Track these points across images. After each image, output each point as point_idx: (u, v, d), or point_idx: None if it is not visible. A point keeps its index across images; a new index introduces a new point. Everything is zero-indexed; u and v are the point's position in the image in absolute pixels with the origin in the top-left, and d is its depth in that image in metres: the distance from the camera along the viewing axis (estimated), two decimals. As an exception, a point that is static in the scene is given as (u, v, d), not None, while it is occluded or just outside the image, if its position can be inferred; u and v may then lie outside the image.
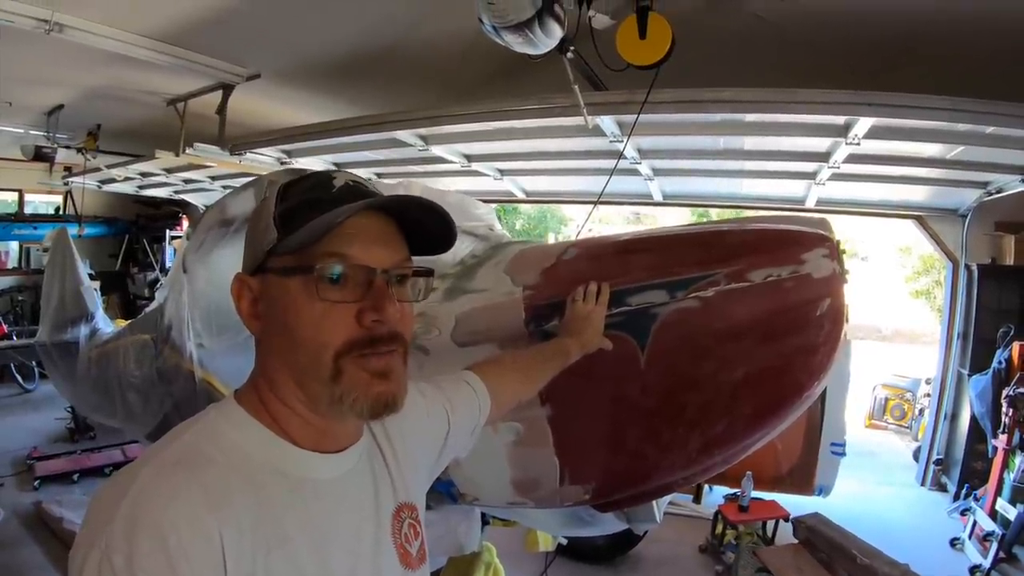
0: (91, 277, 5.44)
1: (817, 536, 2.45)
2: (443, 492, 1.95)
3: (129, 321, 4.71)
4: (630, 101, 2.92)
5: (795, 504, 4.75)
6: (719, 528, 4.64)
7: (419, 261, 0.94)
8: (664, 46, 2.72)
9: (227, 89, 4.61)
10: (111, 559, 0.68)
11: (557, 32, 2.29)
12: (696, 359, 1.63)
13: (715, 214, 14.49)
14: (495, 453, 1.78)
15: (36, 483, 5.26)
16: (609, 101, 3.05)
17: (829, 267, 1.57)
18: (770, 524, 4.70)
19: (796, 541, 2.56)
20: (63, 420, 6.62)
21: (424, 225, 0.92)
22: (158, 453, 0.80)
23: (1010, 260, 5.59)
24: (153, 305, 3.61)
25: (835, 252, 1.60)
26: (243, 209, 2.19)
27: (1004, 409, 4.80)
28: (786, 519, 4.60)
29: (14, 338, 7.61)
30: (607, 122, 3.35)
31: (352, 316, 0.83)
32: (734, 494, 4.68)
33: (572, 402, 1.70)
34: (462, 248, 2.09)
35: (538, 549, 2.85)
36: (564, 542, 3.04)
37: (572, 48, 2.72)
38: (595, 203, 3.64)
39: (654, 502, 2.00)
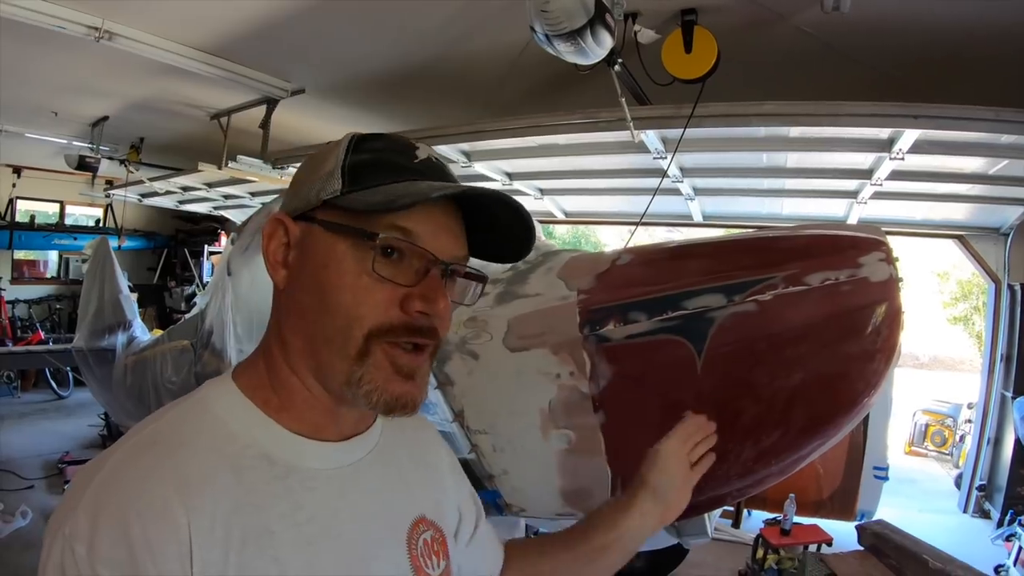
0: (129, 289, 5.54)
1: (884, 542, 2.39)
2: (489, 502, 1.94)
3: (167, 329, 4.79)
4: (676, 115, 2.92)
5: (835, 529, 4.65)
6: (760, 552, 4.54)
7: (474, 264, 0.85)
8: (710, 60, 2.73)
9: (271, 104, 4.69)
10: (73, 548, 0.64)
11: (607, 41, 2.30)
12: (753, 364, 1.61)
13: None
14: (544, 462, 1.76)
15: (66, 486, 5.30)
16: (656, 115, 3.05)
17: (886, 271, 1.55)
18: (811, 548, 4.59)
19: (861, 548, 2.49)
20: (96, 427, 6.72)
21: (496, 227, 0.84)
22: (139, 432, 0.74)
23: (1054, 279, 5.44)
24: (194, 311, 3.65)
25: (890, 257, 1.57)
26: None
27: (1049, 432, 4.67)
28: (829, 543, 4.50)
29: (51, 344, 7.78)
30: (652, 137, 3.35)
31: (397, 299, 0.76)
32: (774, 518, 4.59)
33: (626, 409, 1.69)
34: (511, 256, 2.09)
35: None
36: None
37: (620, 60, 2.73)
38: (637, 223, 3.61)
39: (706, 515, 1.96)
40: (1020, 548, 4.64)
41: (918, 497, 6.61)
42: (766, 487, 1.91)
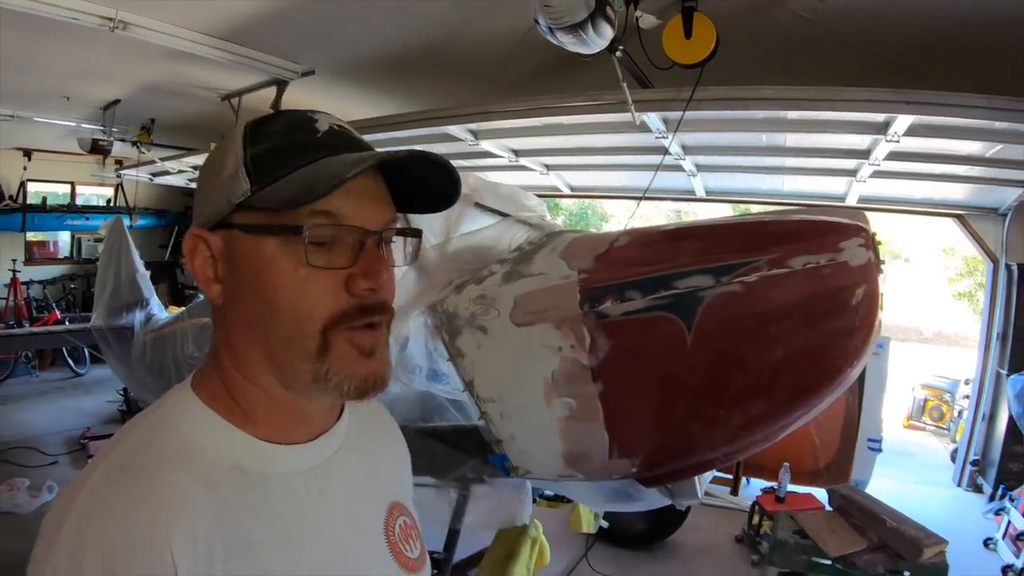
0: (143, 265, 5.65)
1: (850, 504, 2.55)
2: (497, 465, 2.09)
3: (185, 307, 4.91)
4: (676, 98, 3.02)
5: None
6: (756, 519, 4.71)
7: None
8: (709, 45, 2.82)
9: (281, 85, 4.77)
10: None
11: (608, 33, 2.41)
12: (739, 340, 1.74)
13: (755, 211, 14.46)
14: (548, 427, 1.90)
15: (89, 460, 5.46)
16: (656, 98, 3.15)
17: (865, 256, 1.66)
18: None
19: (831, 509, 2.66)
20: (115, 403, 6.88)
21: (421, 181, 0.80)
22: (107, 455, 0.71)
23: (1051, 259, 5.53)
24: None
25: (870, 242, 1.68)
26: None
27: (1043, 410, 4.79)
28: (822, 511, 4.65)
29: (67, 323, 7.92)
30: (653, 118, 3.45)
31: (341, 283, 0.73)
32: (771, 487, 4.74)
33: (622, 379, 1.82)
34: (518, 235, 2.21)
35: (581, 529, 2.96)
36: (605, 525, 3.15)
37: (621, 47, 2.83)
38: (640, 198, 3.73)
39: (696, 478, 2.10)
40: (1009, 522, 4.78)
41: (914, 469, 6.75)
42: (752, 453, 2.05)
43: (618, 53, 2.83)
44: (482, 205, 2.31)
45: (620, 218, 18.71)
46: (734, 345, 1.74)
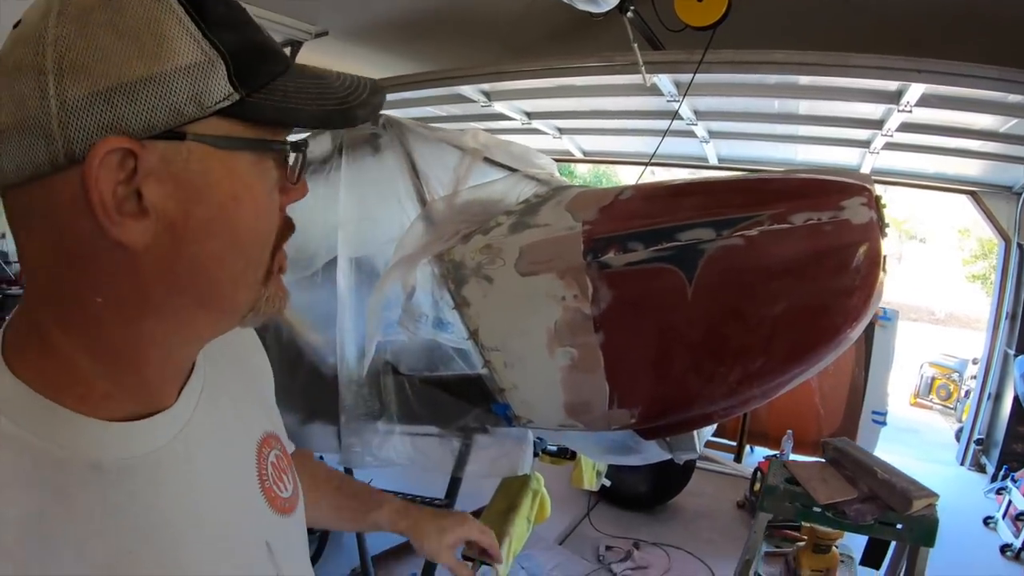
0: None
1: (843, 455, 2.58)
2: (499, 414, 2.13)
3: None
4: (687, 61, 3.02)
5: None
6: (757, 485, 4.76)
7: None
8: (721, 7, 2.81)
9: (295, 46, 4.74)
10: None
11: (619, -10, 2.41)
12: (739, 294, 1.76)
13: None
14: (550, 377, 1.94)
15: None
16: (667, 60, 3.15)
17: (867, 215, 1.67)
18: None
19: (824, 460, 2.70)
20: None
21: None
22: None
23: (1064, 240, 5.50)
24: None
25: (873, 202, 1.69)
26: (321, 150, 2.36)
27: (1048, 391, 4.79)
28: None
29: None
30: (664, 81, 3.46)
31: (278, 200, 0.63)
32: (774, 455, 4.79)
33: (623, 330, 1.85)
34: (526, 190, 2.24)
35: (583, 485, 3.01)
36: (608, 483, 3.20)
37: (632, 8, 2.83)
38: (647, 164, 3.74)
39: (695, 432, 2.14)
40: (1010, 502, 4.82)
41: (918, 447, 6.79)
42: (749, 408, 2.09)
43: (629, 14, 2.82)
44: (492, 160, 2.33)
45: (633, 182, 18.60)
46: (734, 298, 1.77)
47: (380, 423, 2.27)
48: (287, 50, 4.78)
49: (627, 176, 18.38)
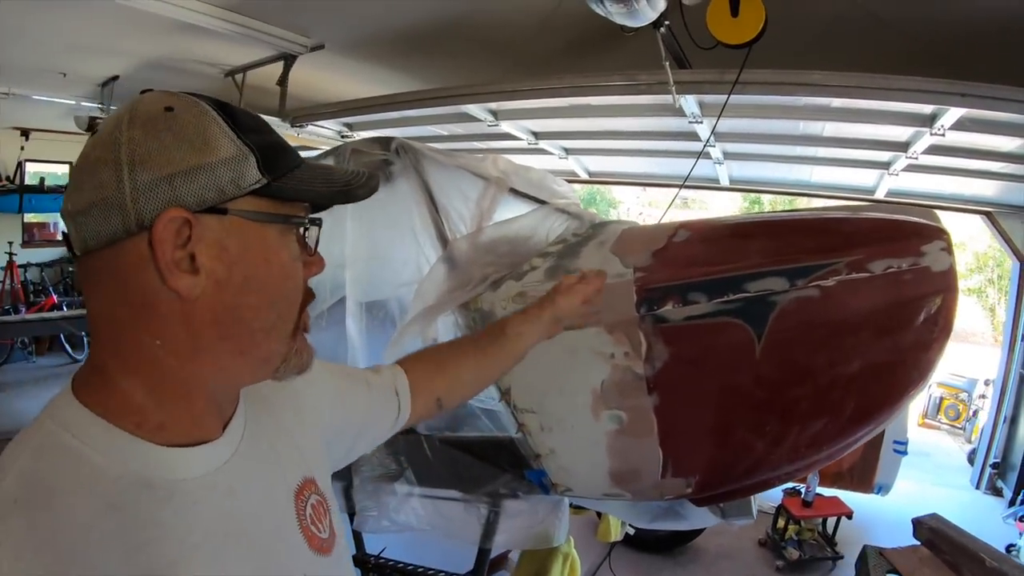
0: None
1: (939, 537, 2.37)
2: (534, 481, 1.91)
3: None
4: (720, 81, 2.81)
5: (853, 501, 4.68)
6: (781, 522, 4.57)
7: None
8: (757, 25, 2.61)
9: (289, 60, 4.54)
10: None
11: (660, 4, 2.21)
12: (813, 350, 1.59)
13: (766, 201, 14.51)
14: (594, 442, 1.73)
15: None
16: (699, 80, 2.94)
17: (947, 261, 1.53)
18: (830, 521, 4.67)
19: (917, 543, 2.48)
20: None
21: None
22: None
23: (1078, 261, 5.39)
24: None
25: (951, 246, 1.55)
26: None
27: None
28: (849, 516, 4.54)
29: (64, 308, 7.70)
30: (690, 101, 3.25)
31: (301, 269, 0.77)
32: (793, 488, 4.60)
33: (681, 391, 1.65)
34: (557, 225, 2.03)
35: (610, 539, 2.82)
36: (631, 532, 2.99)
37: (667, 23, 2.62)
38: (681, 186, 3.56)
39: (752, 497, 1.93)
40: (1033, 527, 4.66)
41: (931, 471, 6.64)
42: (813, 471, 1.88)
43: (662, 29, 2.62)
44: (516, 191, 2.11)
45: (629, 204, 18.58)
46: (807, 356, 1.58)
47: (397, 485, 2.03)
48: (281, 64, 4.58)
49: (622, 195, 18.36)
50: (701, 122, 3.45)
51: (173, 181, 0.65)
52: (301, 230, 0.76)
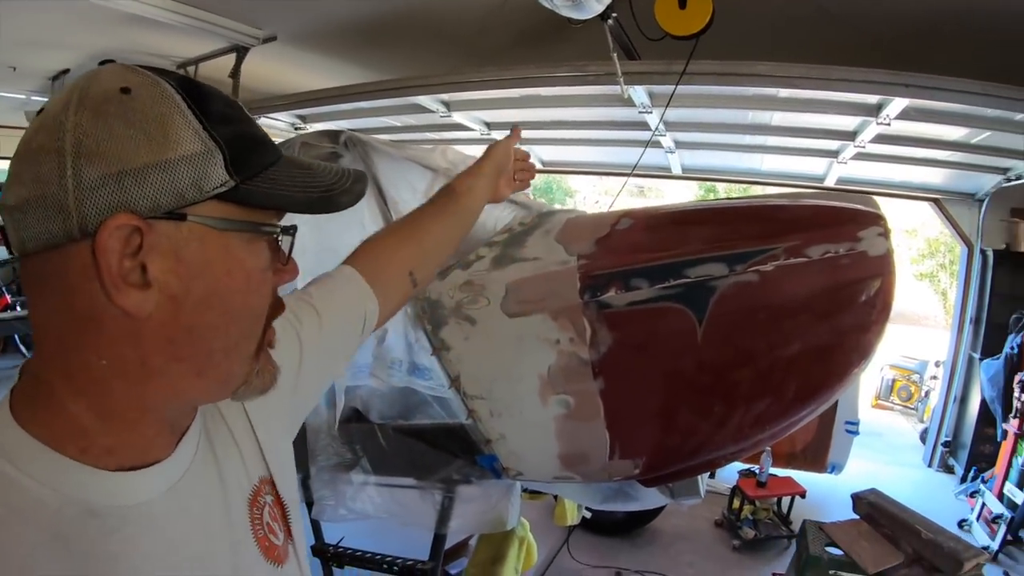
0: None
1: (878, 511, 2.45)
2: (485, 467, 1.93)
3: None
4: (668, 72, 2.85)
5: (807, 481, 4.81)
6: (736, 503, 4.68)
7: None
8: (704, 17, 2.66)
9: (241, 52, 4.48)
10: None
11: (606, -3, 2.24)
12: (753, 334, 1.63)
13: (722, 189, 14.73)
14: (543, 427, 1.75)
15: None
16: (647, 71, 2.98)
17: (884, 246, 1.57)
18: (785, 500, 4.80)
19: (856, 516, 2.56)
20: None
21: None
22: None
23: (1024, 247, 5.58)
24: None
25: (888, 231, 1.59)
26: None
27: (1016, 394, 4.81)
28: (802, 495, 4.67)
29: (17, 308, 7.51)
30: (639, 92, 3.29)
31: (270, 280, 0.68)
32: (748, 470, 4.71)
33: (625, 376, 1.68)
34: (504, 215, 2.04)
35: (567, 522, 2.86)
36: (588, 515, 3.04)
37: (614, 15, 2.65)
38: (629, 175, 3.60)
39: (699, 476, 1.98)
40: (983, 504, 4.83)
41: (884, 450, 6.82)
42: (758, 451, 1.94)
43: (609, 21, 2.65)
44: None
45: (585, 193, 18.68)
46: (748, 339, 1.62)
47: (353, 473, 2.04)
48: (233, 56, 4.52)
49: (578, 184, 18.44)
50: (651, 112, 3.50)
51: (123, 180, 0.56)
52: (272, 237, 0.67)
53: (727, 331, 1.61)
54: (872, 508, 2.50)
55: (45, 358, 0.62)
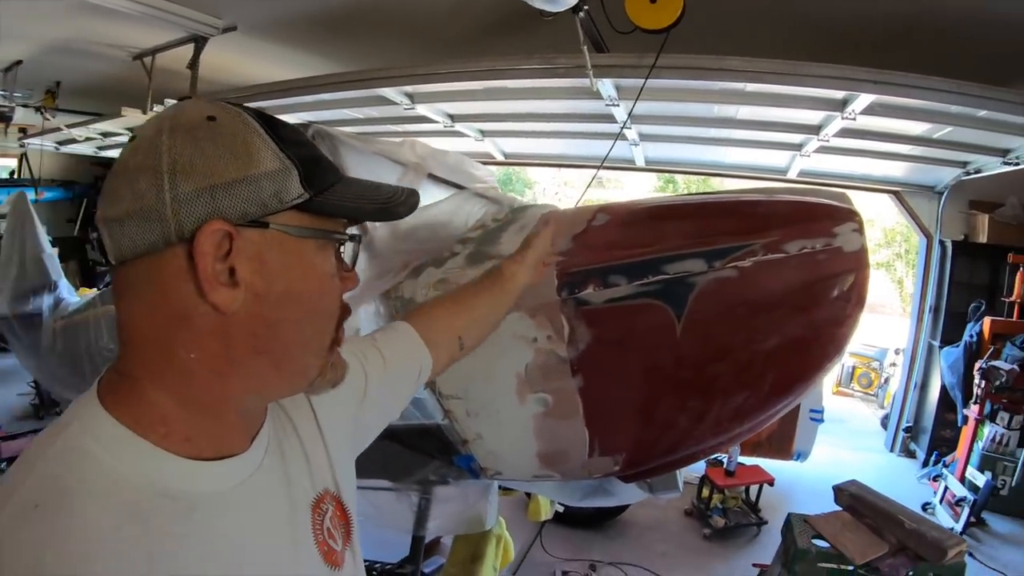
0: (50, 244, 5.16)
1: (860, 502, 2.48)
2: (463, 467, 1.90)
3: (96, 291, 4.50)
4: (638, 65, 2.85)
5: (774, 469, 4.88)
6: (705, 492, 4.72)
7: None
8: (675, 11, 2.65)
9: (200, 42, 4.38)
10: None
11: (580, -12, 2.21)
12: (731, 329, 1.62)
13: (681, 181, 14.88)
14: (521, 426, 1.73)
15: (2, 465, 4.97)
16: (617, 64, 2.97)
17: (859, 241, 1.57)
18: (753, 488, 4.87)
19: (839, 508, 2.59)
20: (26, 396, 6.31)
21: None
22: (14, 490, 0.60)
23: (983, 238, 5.76)
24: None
25: (862, 227, 1.60)
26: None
27: (976, 381, 4.95)
28: (771, 483, 4.74)
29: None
30: (607, 85, 3.28)
31: (338, 285, 0.77)
32: (716, 459, 4.76)
33: (604, 372, 1.66)
34: (475, 210, 2.01)
35: (540, 518, 2.84)
36: (561, 509, 3.03)
37: (586, 7, 2.63)
38: (598, 168, 3.56)
39: (677, 471, 1.98)
40: (946, 488, 4.95)
41: (847, 436, 6.98)
42: (736, 444, 1.95)
43: (581, 14, 2.63)
44: (434, 176, 2.08)
45: (545, 184, 18.71)
46: (726, 334, 1.61)
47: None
48: (191, 46, 4.40)
49: (538, 176, 18.45)
50: (618, 105, 3.49)
51: (215, 192, 0.65)
52: (338, 245, 0.77)
53: (706, 327, 1.60)
54: (854, 499, 2.53)
55: (134, 353, 0.69)
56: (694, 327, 1.58)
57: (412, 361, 1.15)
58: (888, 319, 13.69)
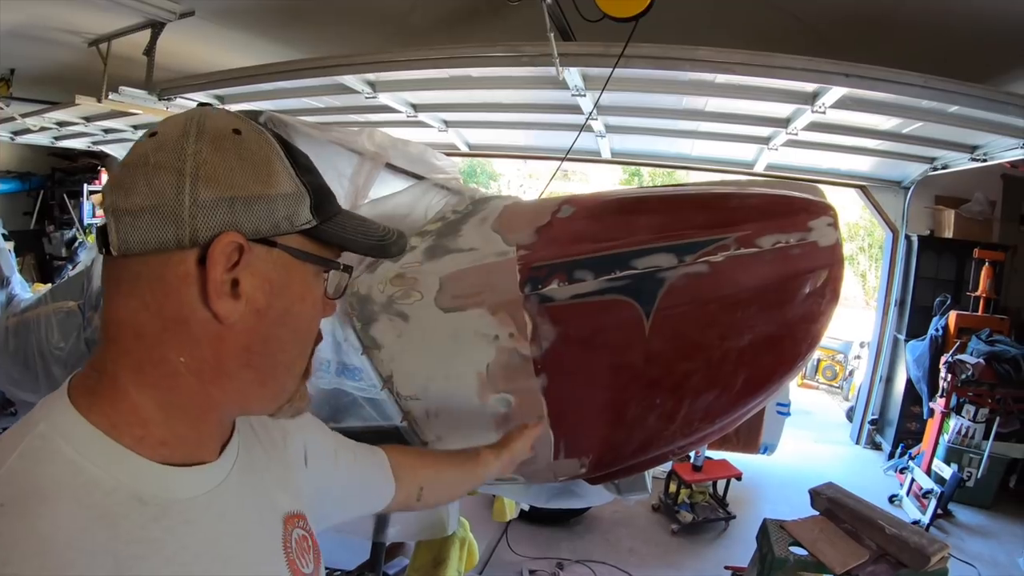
0: (4, 238, 4.94)
1: (838, 506, 2.44)
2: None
3: (49, 286, 4.33)
4: (605, 54, 2.78)
5: (741, 463, 4.88)
6: (672, 487, 4.70)
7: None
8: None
9: (156, 28, 4.24)
10: None
11: (545, -26, 2.14)
12: (702, 326, 1.55)
13: (647, 174, 14.90)
14: (484, 427, 1.66)
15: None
16: (584, 52, 2.90)
17: (833, 236, 1.52)
18: (721, 483, 4.86)
19: (816, 513, 2.54)
20: (-20, 396, 6.09)
21: None
22: None
23: (948, 233, 5.84)
24: (77, 269, 3.29)
25: (837, 221, 1.55)
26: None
27: (942, 374, 5.00)
28: (738, 478, 4.73)
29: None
30: (573, 75, 3.21)
31: (320, 311, 0.80)
32: (689, 457, 4.74)
33: (570, 372, 1.59)
34: (435, 201, 1.92)
35: (505, 518, 2.78)
36: (526, 508, 2.97)
37: (552, -8, 2.56)
38: (562, 159, 3.50)
39: (646, 472, 1.92)
40: (913, 480, 4.99)
41: (813, 428, 7.04)
42: (706, 444, 1.89)
43: (549, 1, 2.55)
44: (393, 166, 1.99)
45: (509, 176, 18.66)
46: (697, 332, 1.55)
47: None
48: (148, 32, 4.25)
49: (503, 167, 18.39)
50: (584, 95, 3.43)
51: (234, 204, 0.67)
52: (325, 273, 0.79)
53: (676, 324, 1.54)
54: (832, 503, 2.49)
55: (119, 351, 0.69)
56: (664, 324, 1.52)
57: (378, 477, 1.17)
58: (852, 312, 13.87)
